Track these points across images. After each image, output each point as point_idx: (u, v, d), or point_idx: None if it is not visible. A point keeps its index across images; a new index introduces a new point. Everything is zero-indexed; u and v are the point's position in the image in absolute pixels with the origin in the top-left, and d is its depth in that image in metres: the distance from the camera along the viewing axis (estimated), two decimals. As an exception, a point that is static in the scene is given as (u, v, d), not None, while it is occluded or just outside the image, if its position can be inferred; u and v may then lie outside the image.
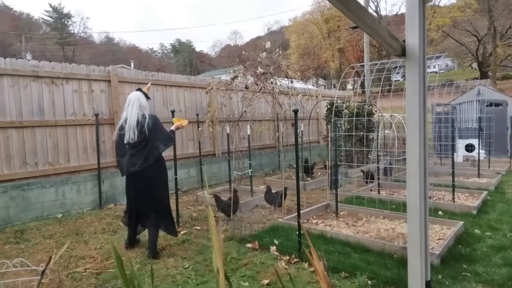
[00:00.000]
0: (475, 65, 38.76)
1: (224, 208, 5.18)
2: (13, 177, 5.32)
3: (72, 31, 56.98)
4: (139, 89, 4.12)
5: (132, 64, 41.02)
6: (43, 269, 1.79)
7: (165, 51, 72.31)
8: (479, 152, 8.56)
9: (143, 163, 3.88)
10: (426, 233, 2.12)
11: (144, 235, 4.54)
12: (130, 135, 3.84)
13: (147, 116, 3.92)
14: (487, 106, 11.08)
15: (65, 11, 55.80)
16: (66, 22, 56.33)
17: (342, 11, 1.45)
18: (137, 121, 3.85)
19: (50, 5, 54.18)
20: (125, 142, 3.91)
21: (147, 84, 4.50)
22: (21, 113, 5.46)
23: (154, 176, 3.99)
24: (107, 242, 4.40)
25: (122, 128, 3.94)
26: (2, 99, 5.28)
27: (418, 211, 1.96)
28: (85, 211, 5.89)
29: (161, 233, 4.67)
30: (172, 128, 4.26)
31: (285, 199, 5.67)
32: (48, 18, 54.97)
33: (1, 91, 5.28)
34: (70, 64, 6.22)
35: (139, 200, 4.02)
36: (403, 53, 1.98)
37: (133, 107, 3.91)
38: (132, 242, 4.20)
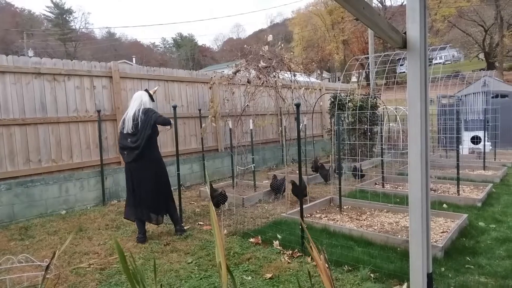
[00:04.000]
0: (481, 55, 38.31)
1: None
2: (16, 174, 5.35)
3: (74, 27, 56.94)
4: (146, 90, 4.51)
5: (134, 59, 41.10)
6: (47, 264, 1.79)
7: (167, 46, 72.23)
8: (484, 144, 8.49)
9: (140, 152, 4.18)
10: (428, 226, 2.10)
11: (150, 230, 4.55)
12: (128, 125, 4.23)
13: (141, 110, 4.25)
14: (493, 97, 10.95)
15: (66, 6, 55.81)
16: (67, 18, 56.32)
17: (340, 4, 1.42)
18: (134, 114, 4.23)
19: (52, 0, 54.19)
20: (125, 132, 4.26)
21: (154, 87, 5.00)
22: (23, 110, 5.48)
23: (152, 164, 4.31)
24: (110, 237, 4.42)
25: (123, 121, 4.30)
26: (4, 96, 5.30)
27: (420, 204, 1.95)
28: (88, 208, 5.92)
29: (166, 228, 4.70)
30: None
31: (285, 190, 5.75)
32: (49, 14, 55.04)
33: (3, 89, 5.29)
34: (72, 60, 6.22)
35: (139, 186, 4.26)
36: (404, 45, 1.95)
37: (135, 103, 4.31)
38: (145, 235, 4.34)
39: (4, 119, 5.27)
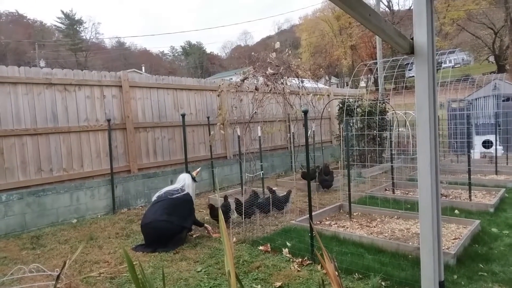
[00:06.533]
0: (492, 58, 37.93)
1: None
2: (28, 183, 5.43)
3: (84, 37, 58.02)
4: (189, 172, 4.99)
5: (143, 68, 41.58)
6: (58, 274, 1.81)
7: (176, 54, 72.97)
8: (496, 149, 8.36)
9: (156, 217, 4.34)
10: (439, 233, 2.07)
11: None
12: (160, 194, 4.63)
13: (180, 190, 4.65)
14: (504, 100, 10.80)
15: (77, 17, 56.91)
16: (77, 28, 57.40)
17: (346, 11, 1.43)
18: (173, 189, 4.66)
19: (62, 11, 55.46)
20: (154, 198, 4.65)
21: (197, 169, 5.31)
22: (35, 121, 5.57)
23: (162, 231, 4.32)
24: (120, 246, 4.44)
25: (157, 196, 4.67)
26: (17, 107, 5.40)
27: (430, 211, 1.92)
28: (99, 216, 5.97)
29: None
30: None
31: (287, 202, 5.69)
32: (60, 25, 56.21)
33: (15, 99, 5.39)
34: (82, 70, 6.31)
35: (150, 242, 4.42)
36: (411, 51, 1.94)
37: (178, 183, 4.80)
38: None
39: (16, 129, 5.36)
